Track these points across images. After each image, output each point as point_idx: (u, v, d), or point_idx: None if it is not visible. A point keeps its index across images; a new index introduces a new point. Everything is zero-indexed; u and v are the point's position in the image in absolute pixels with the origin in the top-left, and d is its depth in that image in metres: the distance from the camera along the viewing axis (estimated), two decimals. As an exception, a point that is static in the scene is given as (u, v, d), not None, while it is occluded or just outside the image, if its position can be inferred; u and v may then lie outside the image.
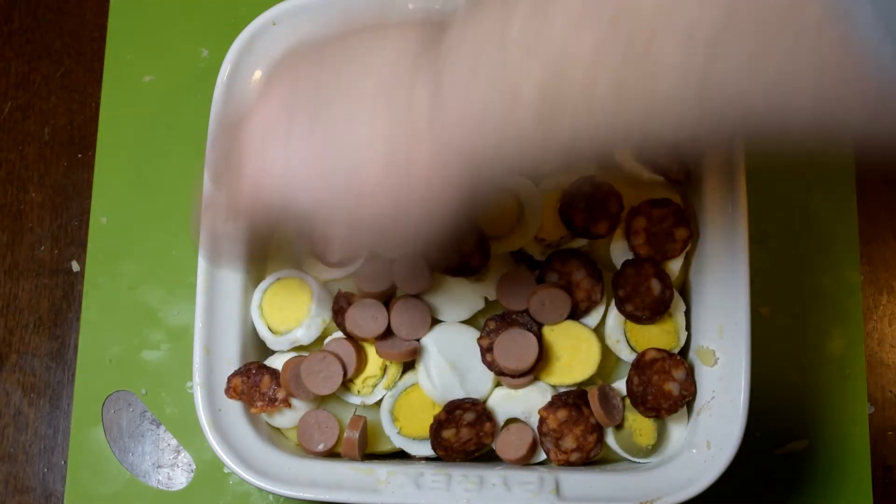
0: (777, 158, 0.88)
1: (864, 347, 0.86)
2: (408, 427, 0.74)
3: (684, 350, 0.77)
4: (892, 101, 0.37)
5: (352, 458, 0.73)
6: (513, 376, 0.73)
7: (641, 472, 0.72)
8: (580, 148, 0.44)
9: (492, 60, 0.44)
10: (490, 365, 0.73)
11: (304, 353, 0.75)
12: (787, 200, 0.88)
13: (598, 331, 0.75)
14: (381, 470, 0.71)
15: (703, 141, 0.44)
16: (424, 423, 0.73)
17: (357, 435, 0.73)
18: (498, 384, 0.75)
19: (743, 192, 0.74)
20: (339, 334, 0.75)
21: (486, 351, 0.73)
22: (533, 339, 0.72)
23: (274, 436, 0.75)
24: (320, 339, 0.76)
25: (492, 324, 0.74)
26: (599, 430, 0.74)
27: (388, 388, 0.74)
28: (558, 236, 0.76)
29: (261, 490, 0.73)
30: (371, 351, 0.75)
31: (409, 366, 0.75)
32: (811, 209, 0.88)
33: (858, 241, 0.87)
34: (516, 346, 0.73)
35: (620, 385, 0.75)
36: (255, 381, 0.73)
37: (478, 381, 0.74)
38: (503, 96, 0.43)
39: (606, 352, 0.75)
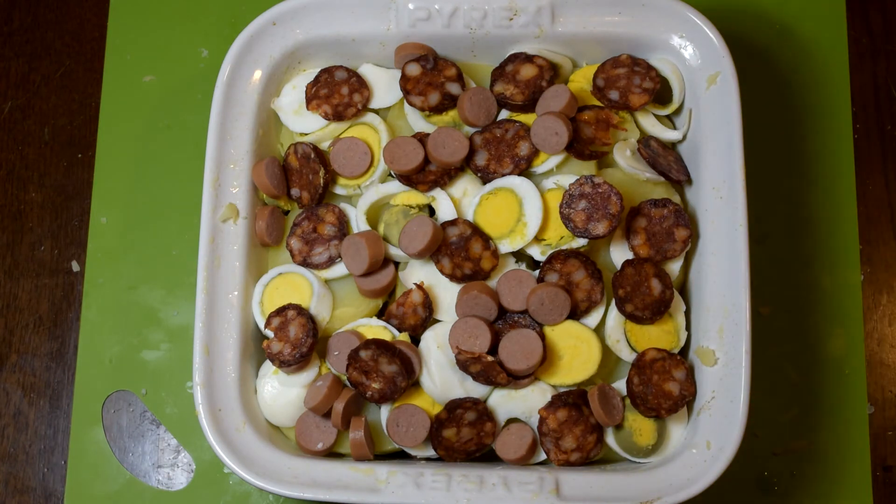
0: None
1: (864, 347, 0.86)
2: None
3: (684, 350, 0.77)
4: None
5: (362, 458, 0.73)
6: (519, 377, 0.73)
7: (641, 472, 0.72)
8: None
9: None
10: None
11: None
12: (788, 200, 0.88)
13: (598, 331, 0.75)
14: (381, 470, 0.71)
15: None
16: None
17: (362, 434, 0.73)
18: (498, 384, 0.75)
19: (743, 192, 0.74)
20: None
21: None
22: (537, 338, 0.73)
23: (274, 436, 0.76)
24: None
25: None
26: (599, 430, 0.74)
27: None
28: (558, 236, 0.76)
29: (261, 490, 0.73)
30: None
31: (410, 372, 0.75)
32: (811, 209, 0.88)
33: (858, 241, 0.87)
34: (521, 347, 0.73)
35: (620, 385, 0.75)
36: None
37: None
38: None
39: (606, 352, 0.75)
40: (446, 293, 0.76)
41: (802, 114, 0.90)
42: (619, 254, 0.77)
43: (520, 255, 0.78)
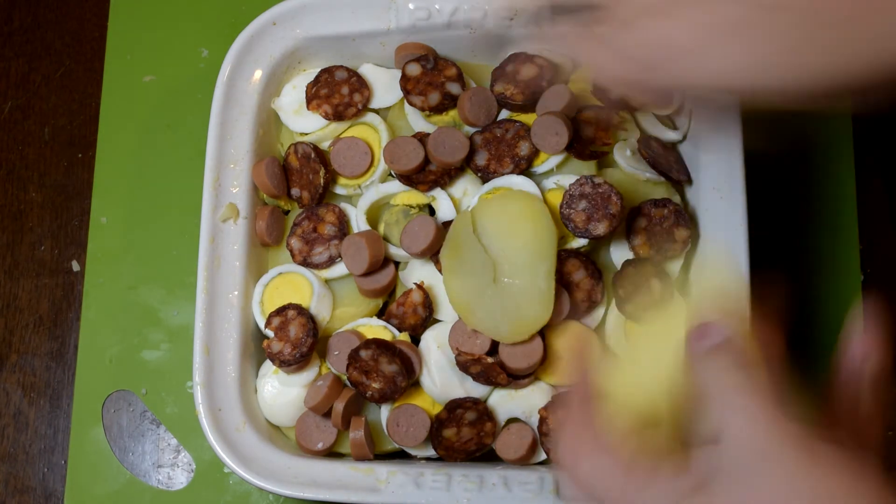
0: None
1: (864, 347, 0.85)
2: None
3: (684, 350, 0.77)
4: None
5: (362, 458, 0.73)
6: (519, 377, 0.73)
7: (641, 471, 0.72)
8: None
9: None
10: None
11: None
12: (788, 200, 0.88)
13: (598, 331, 0.75)
14: (381, 470, 0.71)
15: None
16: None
17: (362, 434, 0.73)
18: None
19: (743, 192, 0.74)
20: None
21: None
22: (537, 338, 0.73)
23: (274, 436, 0.76)
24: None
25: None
26: (599, 430, 0.74)
27: None
28: (558, 236, 0.76)
29: (261, 490, 0.73)
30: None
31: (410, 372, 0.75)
32: (811, 209, 0.88)
33: (858, 240, 0.87)
34: (521, 347, 0.72)
35: (620, 385, 0.75)
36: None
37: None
38: None
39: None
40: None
41: (801, 112, 0.89)
42: (620, 254, 0.77)
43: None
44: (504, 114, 0.80)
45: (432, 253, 0.75)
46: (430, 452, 0.75)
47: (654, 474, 0.51)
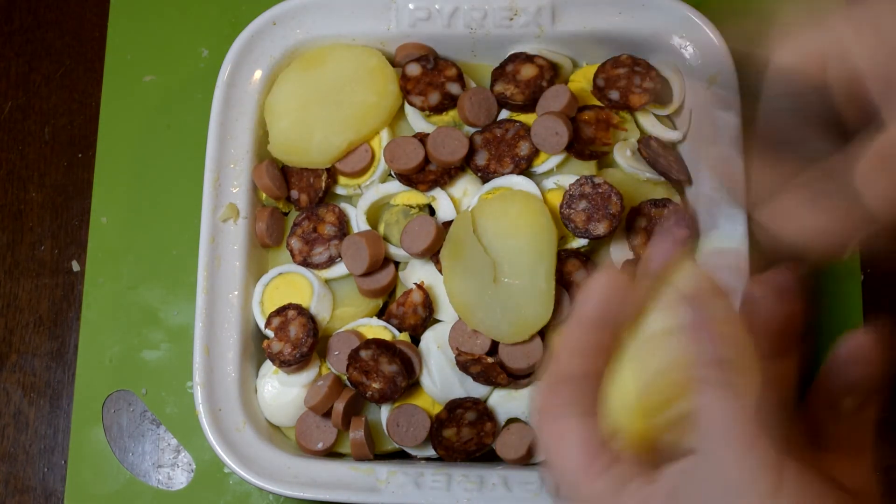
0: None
1: (864, 347, 0.85)
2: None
3: (684, 350, 0.77)
4: None
5: (362, 458, 0.74)
6: (519, 377, 0.73)
7: (641, 471, 0.72)
8: None
9: None
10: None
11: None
12: (787, 200, 0.88)
13: (598, 331, 0.75)
14: (381, 470, 0.71)
15: None
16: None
17: (362, 434, 0.73)
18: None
19: (743, 192, 0.74)
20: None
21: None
22: (537, 338, 0.73)
23: (274, 436, 0.76)
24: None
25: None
26: (599, 430, 0.74)
27: None
28: (558, 236, 0.76)
29: (261, 490, 0.73)
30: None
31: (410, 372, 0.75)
32: (811, 209, 0.88)
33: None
34: (521, 347, 0.73)
35: (620, 385, 0.75)
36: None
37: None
38: None
39: (606, 352, 0.75)
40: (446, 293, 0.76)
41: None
42: (619, 254, 0.77)
43: (520, 255, 0.78)
44: (504, 114, 0.80)
45: (432, 253, 0.75)
46: (430, 452, 0.75)
47: (618, 481, 0.46)
